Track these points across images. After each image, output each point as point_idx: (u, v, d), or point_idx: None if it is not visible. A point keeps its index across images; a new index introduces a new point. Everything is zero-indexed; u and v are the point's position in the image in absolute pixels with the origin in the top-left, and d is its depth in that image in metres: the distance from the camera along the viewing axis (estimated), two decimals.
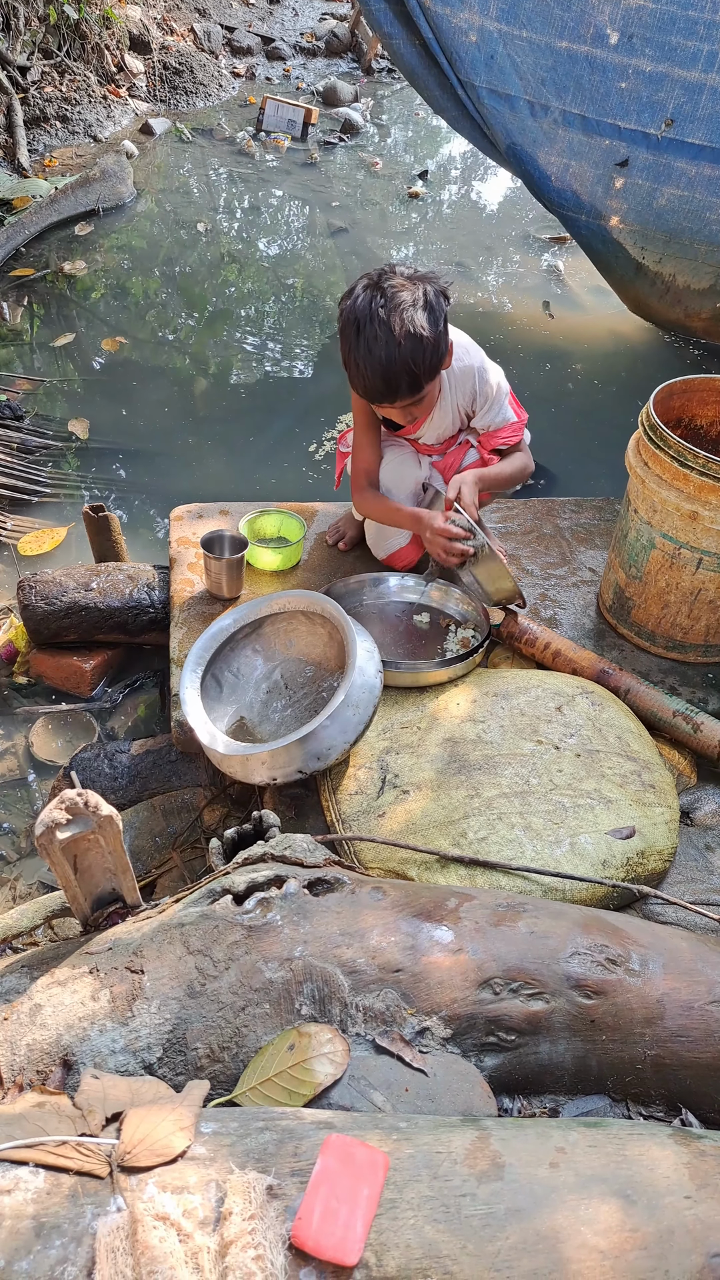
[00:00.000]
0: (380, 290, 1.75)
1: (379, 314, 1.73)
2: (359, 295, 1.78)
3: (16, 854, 2.08)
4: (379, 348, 1.74)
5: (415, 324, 1.73)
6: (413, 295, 1.75)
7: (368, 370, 1.78)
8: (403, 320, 1.73)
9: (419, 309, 1.74)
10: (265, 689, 2.00)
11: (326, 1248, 0.90)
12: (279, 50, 7.46)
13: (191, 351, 4.06)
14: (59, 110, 5.66)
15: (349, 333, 1.78)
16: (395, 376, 1.78)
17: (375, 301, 1.74)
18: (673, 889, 1.71)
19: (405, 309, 1.73)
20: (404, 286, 1.75)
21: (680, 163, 3.34)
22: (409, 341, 1.74)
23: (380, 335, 1.73)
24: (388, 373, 1.78)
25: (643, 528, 2.10)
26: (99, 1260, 0.86)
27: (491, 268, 4.96)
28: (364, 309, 1.75)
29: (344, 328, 1.80)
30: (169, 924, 1.30)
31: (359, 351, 1.77)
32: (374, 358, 1.75)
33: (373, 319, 1.73)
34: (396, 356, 1.75)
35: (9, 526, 2.89)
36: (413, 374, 1.79)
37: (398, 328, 1.73)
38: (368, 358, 1.76)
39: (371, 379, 1.79)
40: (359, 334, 1.76)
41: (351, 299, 1.79)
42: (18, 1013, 1.20)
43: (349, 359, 1.81)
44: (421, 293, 1.76)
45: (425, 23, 3.56)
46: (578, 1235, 0.95)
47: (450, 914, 1.34)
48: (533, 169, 3.74)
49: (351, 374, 1.83)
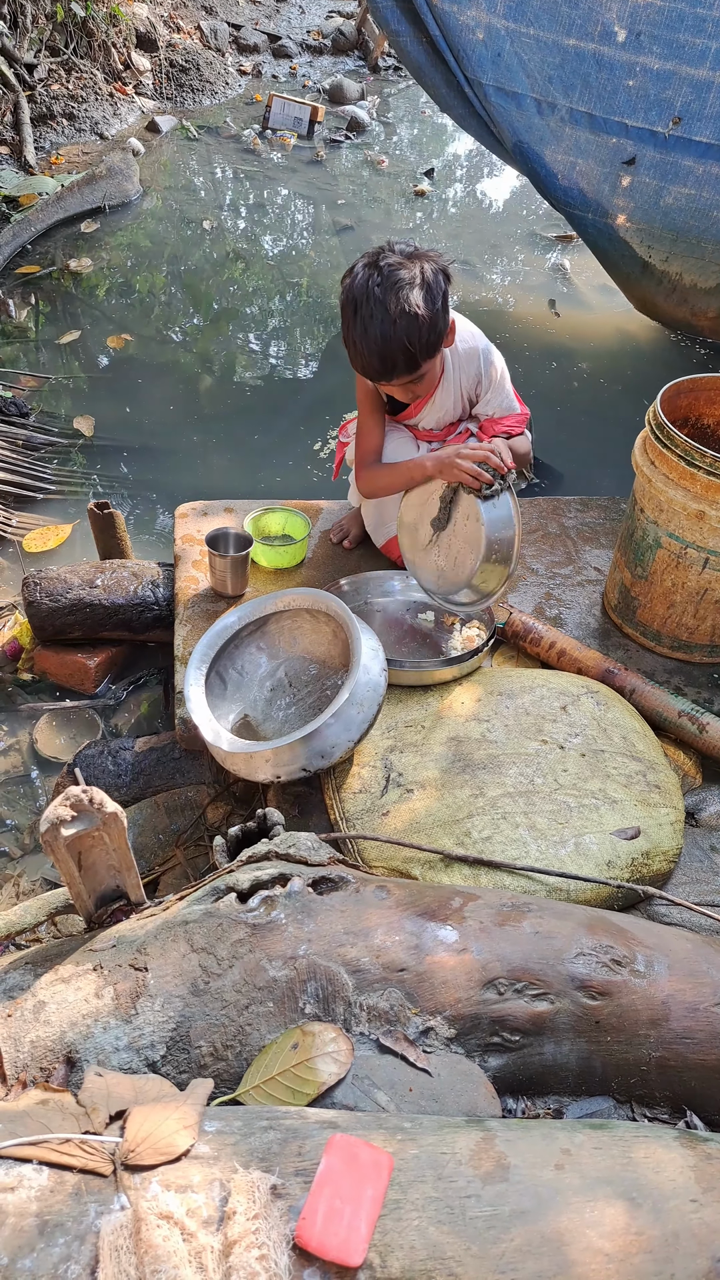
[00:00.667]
0: (377, 268, 1.75)
1: (375, 292, 1.73)
2: (358, 273, 1.78)
3: (20, 850, 2.08)
4: (375, 326, 1.75)
5: (411, 302, 1.73)
6: (410, 273, 1.74)
7: (364, 349, 1.79)
8: (399, 299, 1.73)
9: (415, 287, 1.74)
10: (269, 687, 2.00)
11: (330, 1248, 0.89)
12: (285, 48, 7.45)
13: (197, 349, 4.05)
14: (65, 108, 5.66)
15: (347, 311, 1.79)
16: (391, 355, 1.79)
17: (372, 280, 1.74)
18: (678, 890, 1.70)
19: (402, 287, 1.73)
20: (401, 264, 1.75)
21: (687, 161, 3.33)
22: (404, 320, 1.74)
23: (376, 314, 1.74)
24: (384, 351, 1.78)
25: (649, 527, 2.10)
26: (102, 1259, 0.86)
27: (497, 266, 4.95)
28: (361, 287, 1.76)
29: (343, 306, 1.81)
30: (173, 921, 1.30)
31: (356, 330, 1.78)
32: (370, 336, 1.76)
33: (369, 297, 1.74)
34: (392, 335, 1.75)
35: (14, 523, 2.89)
36: (409, 352, 1.79)
37: (393, 306, 1.73)
38: (364, 336, 1.77)
39: (368, 357, 1.80)
40: (356, 313, 1.77)
41: (351, 277, 1.79)
42: (21, 1009, 1.20)
43: (348, 337, 1.82)
44: (419, 270, 1.76)
45: (432, 20, 3.55)
46: (583, 1238, 0.94)
47: (454, 913, 1.34)
48: (539, 167, 3.73)
49: (351, 353, 1.84)
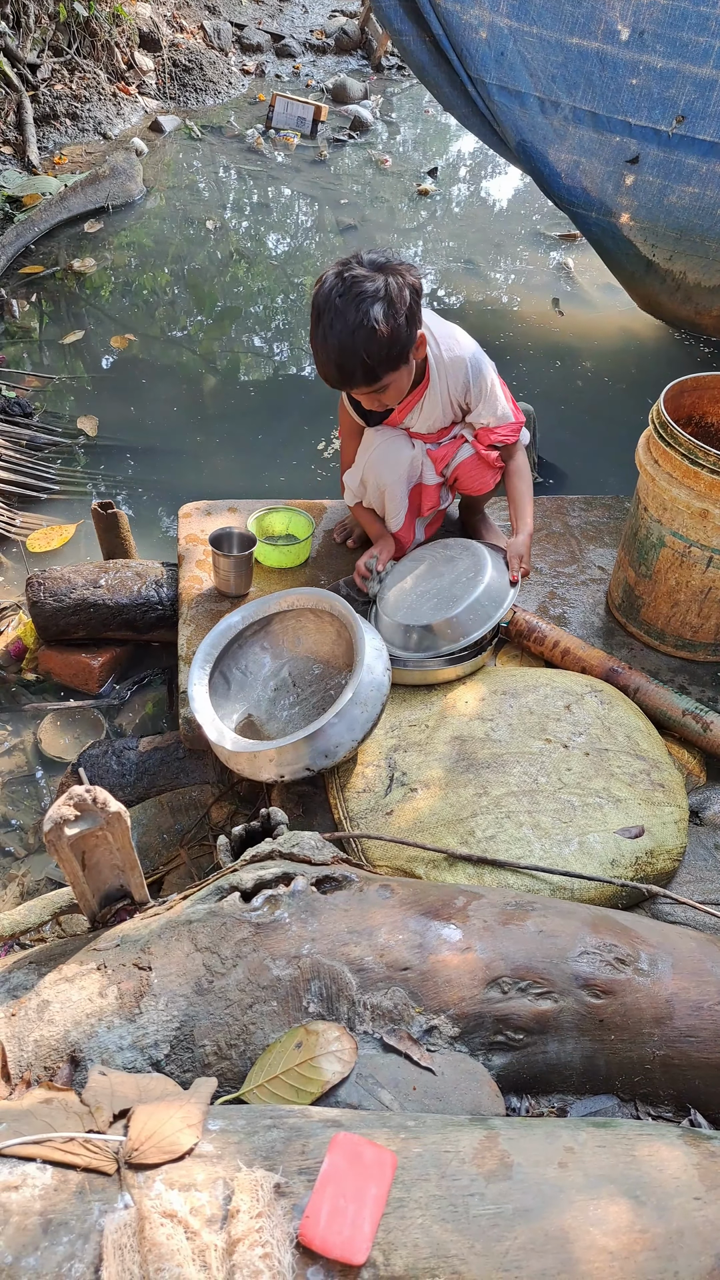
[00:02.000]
0: (342, 278, 1.76)
1: (336, 303, 1.74)
2: (326, 280, 1.79)
3: (25, 850, 2.09)
4: (333, 336, 1.75)
5: (371, 316, 1.72)
6: (374, 285, 1.73)
7: (323, 357, 1.80)
8: (358, 311, 1.72)
9: (377, 300, 1.73)
10: (273, 687, 2.00)
11: (334, 1246, 0.89)
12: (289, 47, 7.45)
13: (200, 349, 4.06)
14: (69, 108, 5.67)
15: (313, 318, 1.80)
16: (348, 365, 1.79)
17: (335, 289, 1.75)
18: (682, 889, 1.70)
19: (364, 300, 1.73)
20: (366, 277, 1.74)
21: (691, 160, 3.32)
22: (362, 333, 1.74)
23: (335, 324, 1.74)
24: (340, 361, 1.78)
25: (653, 525, 2.09)
26: (106, 1257, 0.86)
27: (501, 265, 4.95)
28: (324, 296, 1.76)
29: (311, 312, 1.82)
30: (177, 921, 1.30)
31: (317, 337, 1.79)
32: (329, 345, 1.77)
33: (330, 307, 1.74)
34: (350, 346, 1.75)
35: (18, 523, 2.90)
36: (366, 364, 1.78)
37: (352, 318, 1.72)
38: (323, 345, 1.78)
39: (327, 365, 1.82)
40: (318, 321, 1.78)
41: (320, 283, 1.80)
42: (25, 1009, 1.21)
43: (311, 343, 1.83)
44: (383, 283, 1.74)
45: (435, 19, 3.55)
46: (587, 1236, 0.94)
47: (458, 912, 1.34)
48: (543, 166, 3.73)
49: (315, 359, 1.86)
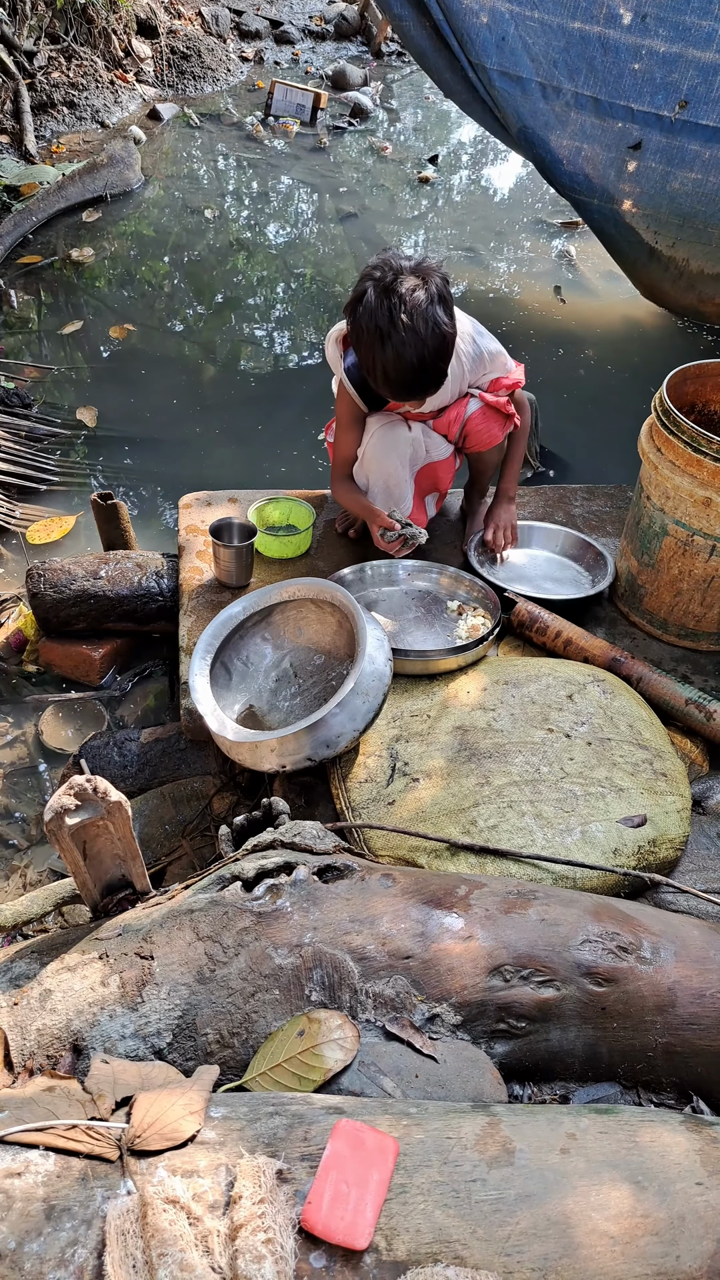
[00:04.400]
0: (395, 293, 1.75)
1: (402, 320, 1.73)
2: (370, 300, 1.77)
3: (27, 841, 2.09)
4: (410, 352, 1.75)
5: (438, 320, 1.76)
6: (426, 292, 1.75)
7: (397, 376, 1.79)
8: (426, 321, 1.74)
9: (436, 305, 1.76)
10: (274, 677, 1.99)
11: (336, 1231, 0.90)
12: (287, 34, 7.40)
13: (200, 339, 4.04)
14: (66, 96, 5.63)
15: (371, 342, 1.78)
16: (426, 374, 1.81)
17: (395, 307, 1.74)
18: (684, 877, 1.70)
19: (425, 308, 1.74)
20: (416, 286, 1.76)
21: (694, 145, 3.30)
22: (435, 340, 1.76)
23: (409, 340, 1.74)
24: (421, 374, 1.80)
25: (655, 514, 2.09)
26: (109, 1242, 0.87)
27: (502, 253, 4.92)
28: (385, 316, 1.75)
29: (362, 337, 1.79)
30: (178, 910, 1.30)
31: (386, 358, 1.77)
32: (405, 362, 1.76)
33: (396, 325, 1.74)
34: (428, 357, 1.77)
35: (17, 515, 2.89)
36: (440, 369, 1.82)
37: (424, 330, 1.74)
38: (398, 363, 1.77)
39: (404, 383, 1.81)
40: (384, 342, 1.76)
41: (365, 306, 1.78)
42: (28, 998, 1.21)
43: (373, 366, 1.81)
44: (434, 287, 1.77)
45: (436, 4, 3.52)
46: (588, 1221, 0.95)
47: (460, 901, 1.34)
48: (544, 152, 3.70)
49: (376, 379, 1.84)
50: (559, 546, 2.46)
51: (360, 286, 1.80)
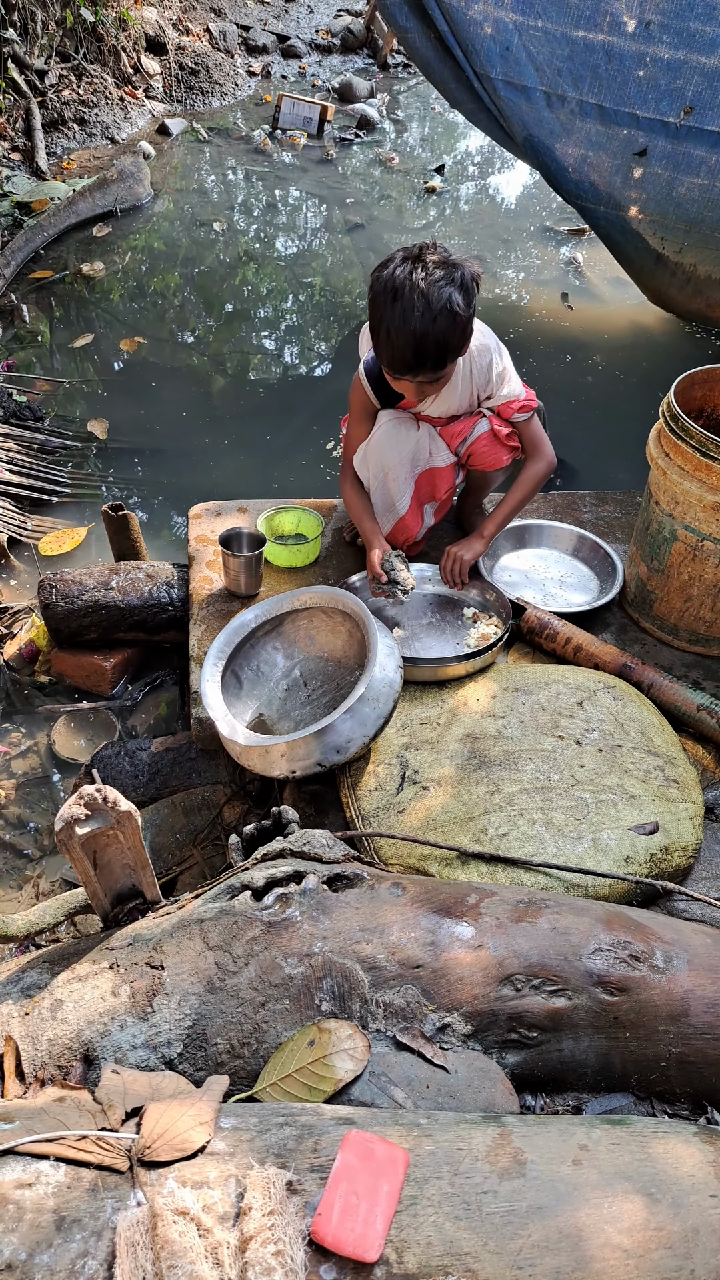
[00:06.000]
0: (421, 262, 1.76)
1: (419, 285, 1.74)
2: (397, 265, 1.78)
3: (40, 851, 2.10)
4: (414, 318, 1.75)
5: (452, 300, 1.75)
6: (450, 273, 1.76)
7: (398, 339, 1.78)
8: (440, 294, 1.74)
9: (456, 286, 1.76)
10: (285, 686, 2.00)
11: (346, 1244, 0.89)
12: (294, 48, 7.45)
13: (209, 351, 4.07)
14: (76, 113, 5.69)
15: (383, 300, 1.78)
16: (425, 349, 1.79)
17: (415, 273, 1.75)
18: (697, 885, 1.69)
19: (446, 284, 1.75)
20: (442, 263, 1.77)
21: (700, 151, 3.29)
22: (444, 317, 1.75)
23: (417, 306, 1.74)
24: (419, 344, 1.78)
25: (664, 520, 2.08)
26: (119, 1254, 0.86)
27: (510, 261, 4.93)
28: (403, 278, 1.75)
29: (377, 295, 1.80)
30: (189, 920, 1.30)
31: (393, 319, 1.77)
32: (408, 327, 1.76)
33: (412, 289, 1.74)
34: (430, 330, 1.76)
35: (30, 526, 2.91)
36: (440, 350, 1.80)
37: (435, 301, 1.74)
38: (401, 326, 1.76)
39: (401, 349, 1.80)
40: (394, 301, 1.76)
41: (389, 268, 1.79)
42: (39, 1008, 1.21)
43: (378, 326, 1.81)
44: (460, 272, 1.78)
45: (440, 15, 3.54)
46: (601, 1233, 0.94)
47: (471, 910, 1.33)
48: (550, 161, 3.71)
49: (378, 342, 1.83)
50: (569, 547, 2.46)
51: (392, 253, 1.82)
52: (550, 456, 2.18)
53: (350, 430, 2.19)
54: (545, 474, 2.18)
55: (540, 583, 2.36)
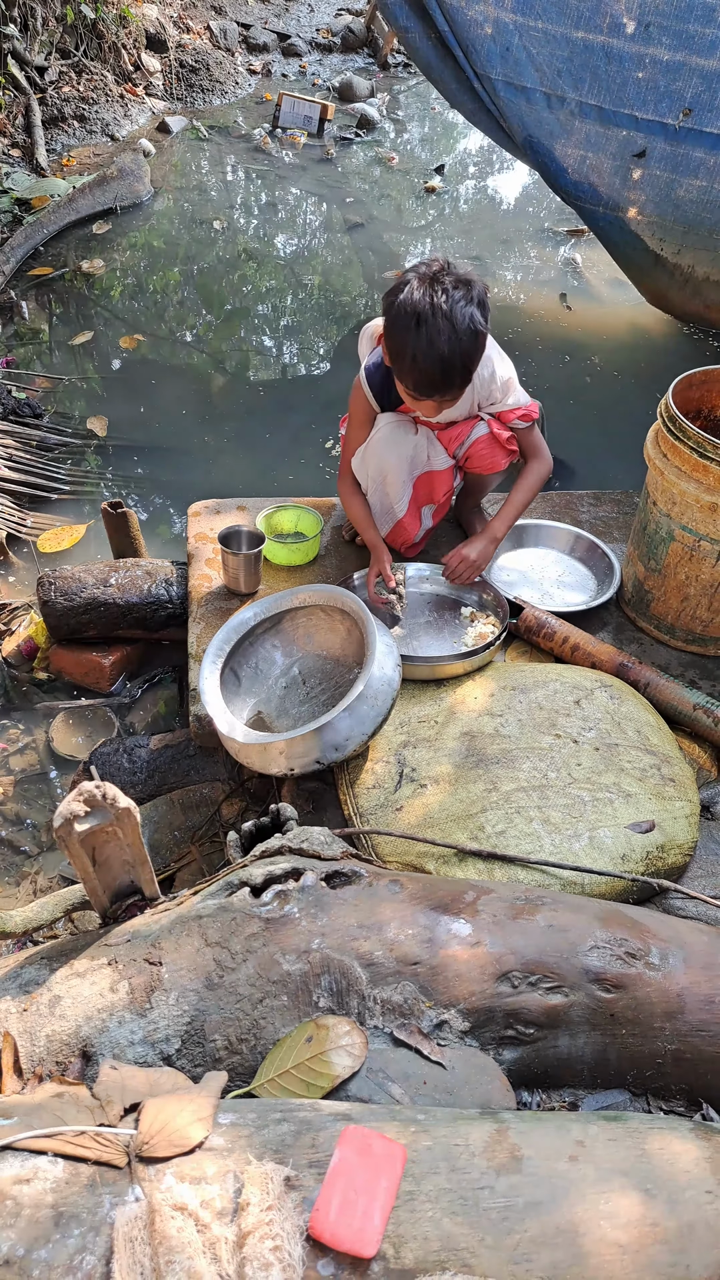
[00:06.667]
0: (439, 284, 1.78)
1: (442, 308, 1.76)
2: (414, 288, 1.79)
3: (38, 848, 2.10)
4: (441, 341, 1.76)
5: (474, 319, 1.78)
6: (468, 291, 1.79)
7: (426, 363, 1.80)
8: (463, 315, 1.77)
9: (475, 304, 1.79)
10: (283, 684, 2.00)
11: (344, 1239, 0.90)
12: (295, 47, 7.45)
13: (209, 348, 4.07)
14: (76, 110, 5.68)
15: (406, 325, 1.79)
16: (452, 371, 1.82)
17: (436, 296, 1.77)
18: (693, 883, 1.69)
19: (464, 303, 1.77)
20: (460, 282, 1.79)
21: (699, 153, 3.30)
22: (468, 337, 1.78)
23: (444, 329, 1.76)
24: (447, 366, 1.80)
25: (662, 520, 2.08)
26: (117, 1249, 0.87)
27: (509, 261, 4.94)
28: (424, 303, 1.77)
29: (398, 320, 1.80)
30: (187, 916, 1.30)
31: (418, 344, 1.78)
32: (435, 351, 1.77)
33: (435, 312, 1.76)
34: (458, 351, 1.78)
35: (29, 524, 2.91)
36: (466, 369, 1.83)
37: (459, 322, 1.76)
38: (428, 350, 1.78)
39: (429, 373, 1.81)
40: (419, 326, 1.77)
41: (405, 293, 1.80)
42: (37, 1004, 1.21)
43: (403, 351, 1.81)
44: (476, 289, 1.80)
45: (441, 16, 3.54)
46: (597, 1229, 0.94)
47: (468, 907, 1.34)
48: (549, 161, 3.72)
49: (402, 366, 1.84)
50: (567, 547, 2.47)
51: (404, 277, 1.82)
52: (549, 460, 2.21)
53: (349, 433, 2.20)
54: (546, 476, 2.20)
55: (538, 582, 2.37)
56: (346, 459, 2.22)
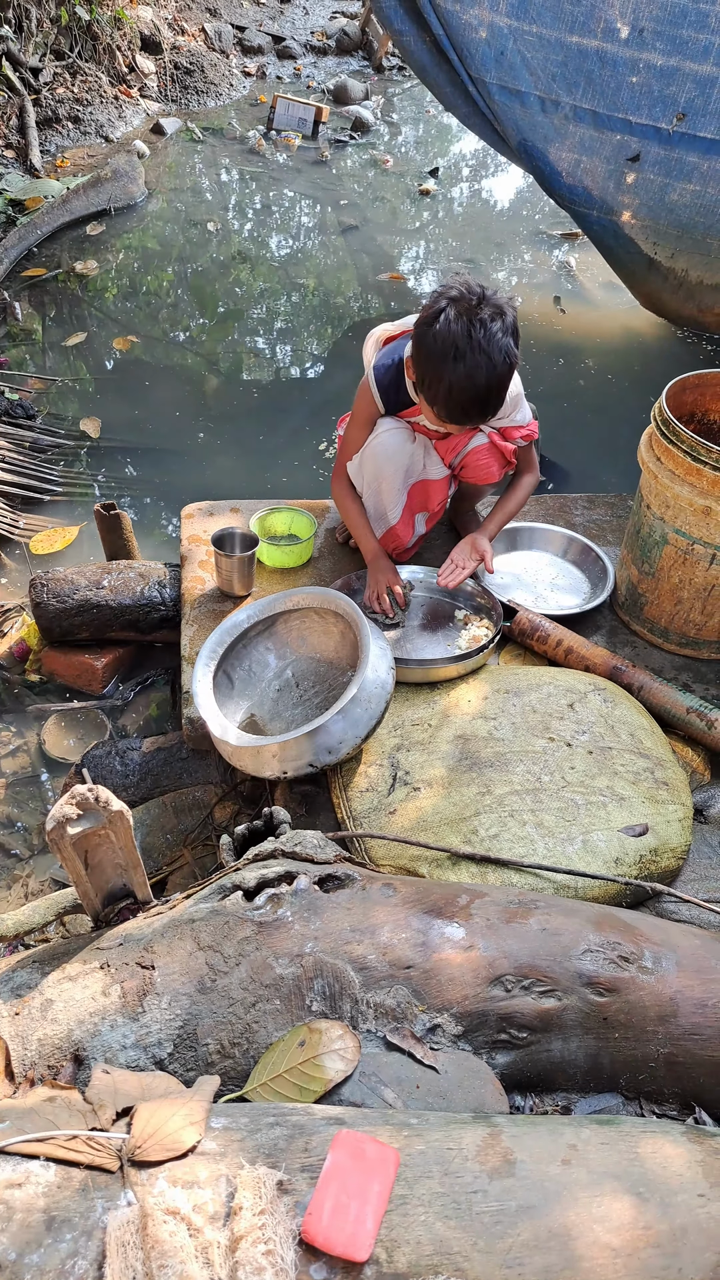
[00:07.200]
0: (477, 317, 1.78)
1: (481, 343, 1.76)
2: (451, 321, 1.78)
3: (29, 851, 2.09)
4: (482, 376, 1.78)
5: (509, 351, 1.79)
6: (504, 322, 1.80)
7: (463, 396, 1.81)
8: (500, 348, 1.78)
9: (510, 334, 1.80)
10: (277, 687, 2.00)
11: (337, 1243, 0.89)
12: (290, 49, 7.46)
13: (203, 350, 4.06)
14: (71, 111, 5.68)
15: (443, 356, 1.79)
16: (489, 402, 1.84)
17: (475, 331, 1.77)
18: (686, 887, 1.70)
19: (501, 335, 1.78)
20: (496, 313, 1.80)
21: (692, 157, 3.32)
22: (504, 369, 1.80)
23: (483, 365, 1.77)
24: (484, 399, 1.82)
25: (655, 523, 2.09)
26: (109, 1254, 0.86)
27: (503, 264, 4.95)
28: (463, 337, 1.76)
29: (435, 351, 1.80)
30: (180, 920, 1.30)
31: (456, 377, 1.78)
32: (476, 385, 1.79)
33: (474, 348, 1.76)
34: (495, 384, 1.80)
35: (21, 525, 2.90)
36: (500, 398, 1.85)
37: (497, 356, 1.78)
38: (469, 384, 1.79)
39: (466, 405, 1.83)
40: (458, 361, 1.77)
41: (442, 323, 1.78)
42: (29, 1008, 1.21)
43: (438, 381, 1.81)
44: (509, 319, 1.81)
45: (436, 19, 3.55)
46: (590, 1232, 0.94)
47: (461, 910, 1.34)
48: (544, 165, 3.73)
49: (435, 395, 1.84)
50: (560, 550, 2.47)
51: (437, 305, 1.81)
52: (538, 474, 2.28)
53: (350, 433, 2.20)
54: (534, 486, 2.27)
55: (531, 585, 2.37)
56: (343, 459, 2.22)
